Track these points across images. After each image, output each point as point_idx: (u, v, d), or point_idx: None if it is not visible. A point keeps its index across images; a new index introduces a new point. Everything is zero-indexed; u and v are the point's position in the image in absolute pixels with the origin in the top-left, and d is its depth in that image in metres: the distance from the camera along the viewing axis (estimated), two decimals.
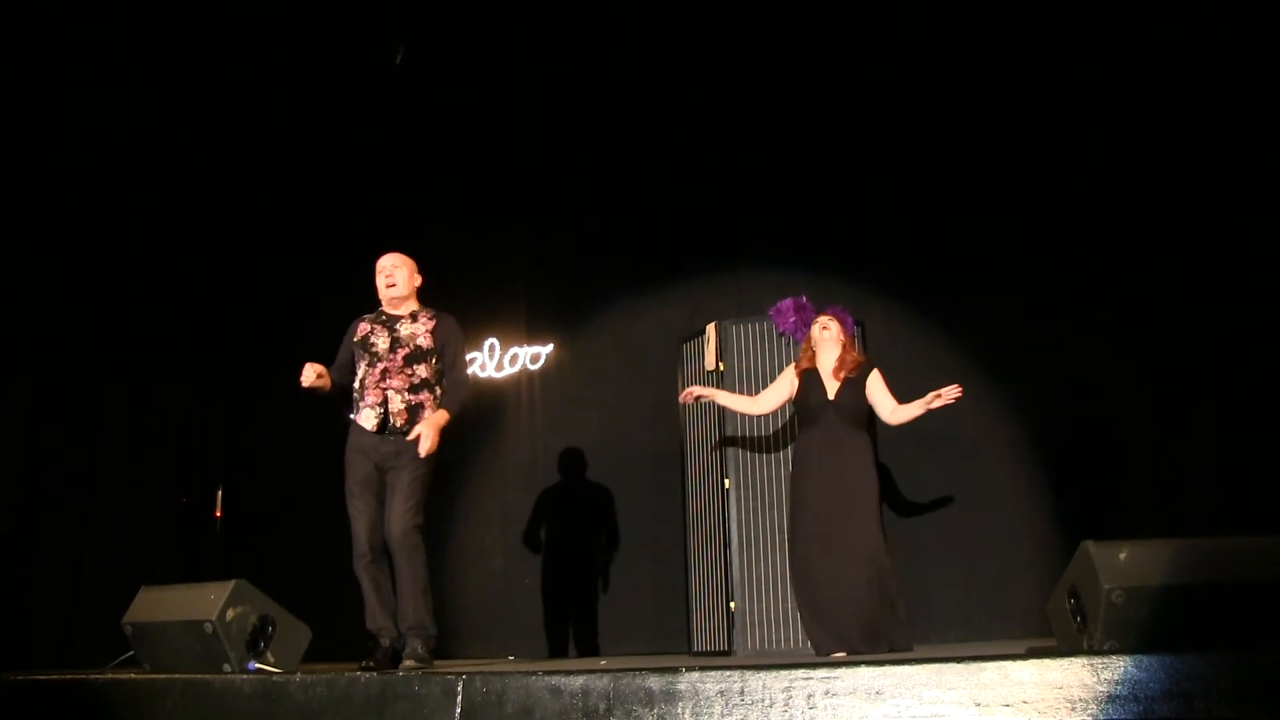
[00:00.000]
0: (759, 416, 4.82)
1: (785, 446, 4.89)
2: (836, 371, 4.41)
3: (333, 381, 4.11)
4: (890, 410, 4.38)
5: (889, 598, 4.19)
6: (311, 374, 4.01)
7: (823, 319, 4.52)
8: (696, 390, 4.63)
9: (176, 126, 6.12)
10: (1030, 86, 5.58)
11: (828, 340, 4.47)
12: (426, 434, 3.97)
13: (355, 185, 6.56)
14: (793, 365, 4.60)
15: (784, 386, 4.56)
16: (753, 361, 5.05)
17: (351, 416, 4.11)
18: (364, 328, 4.19)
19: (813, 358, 4.50)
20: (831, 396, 4.37)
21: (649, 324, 6.15)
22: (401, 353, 4.09)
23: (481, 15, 5.97)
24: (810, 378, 4.45)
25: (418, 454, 3.97)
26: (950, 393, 4.18)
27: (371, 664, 3.89)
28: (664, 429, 5.76)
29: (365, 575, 3.99)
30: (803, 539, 4.31)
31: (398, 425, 4.01)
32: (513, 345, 6.47)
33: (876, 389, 4.42)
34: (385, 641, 3.98)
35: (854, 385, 4.38)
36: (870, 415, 4.44)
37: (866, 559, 4.17)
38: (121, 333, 5.96)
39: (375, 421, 4.02)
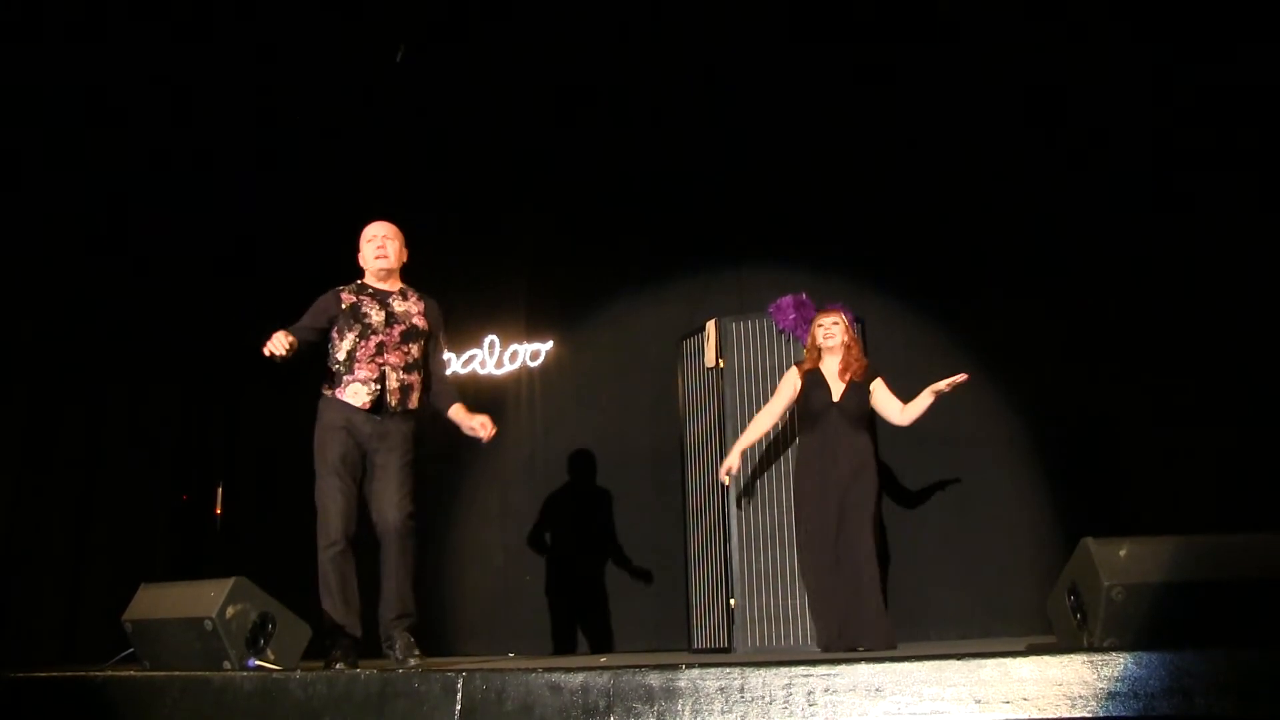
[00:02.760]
0: (760, 412, 4.82)
1: (786, 445, 4.89)
2: (842, 373, 4.43)
3: (299, 342, 3.76)
4: (899, 411, 4.41)
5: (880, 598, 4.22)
6: (284, 343, 3.66)
7: (826, 322, 4.51)
8: (729, 466, 4.52)
9: (173, 124, 6.13)
10: (1029, 86, 5.57)
11: (832, 342, 4.48)
12: (487, 424, 4.00)
13: (356, 183, 6.55)
14: (795, 366, 4.60)
15: (788, 390, 4.56)
16: (752, 359, 5.04)
17: (330, 392, 3.86)
18: (348, 298, 3.94)
19: (817, 358, 4.51)
20: (836, 398, 4.39)
21: (649, 321, 6.15)
22: (398, 329, 3.92)
23: (481, 12, 5.97)
24: (814, 378, 4.46)
25: (408, 436, 3.88)
26: (955, 380, 4.20)
27: (339, 662, 3.66)
28: (664, 426, 5.75)
29: (333, 567, 3.73)
30: (804, 537, 4.38)
31: (392, 404, 3.84)
32: (513, 342, 6.47)
33: (883, 396, 4.46)
34: (348, 639, 3.75)
35: (859, 389, 4.41)
36: (872, 416, 4.49)
37: (864, 560, 4.20)
38: (121, 332, 5.96)
39: (368, 398, 3.80)
